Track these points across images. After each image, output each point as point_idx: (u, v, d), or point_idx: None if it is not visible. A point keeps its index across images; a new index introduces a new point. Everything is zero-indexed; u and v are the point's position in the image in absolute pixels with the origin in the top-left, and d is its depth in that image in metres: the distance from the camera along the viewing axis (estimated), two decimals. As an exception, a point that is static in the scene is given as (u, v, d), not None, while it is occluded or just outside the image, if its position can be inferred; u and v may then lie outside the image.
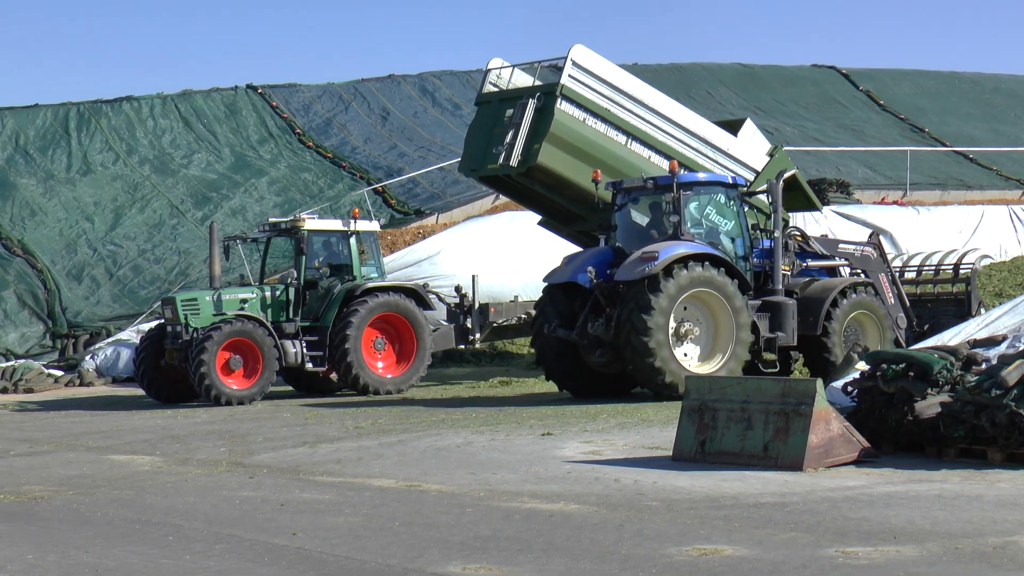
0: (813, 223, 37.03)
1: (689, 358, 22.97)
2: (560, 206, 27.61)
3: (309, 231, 25.98)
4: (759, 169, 27.91)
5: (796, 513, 12.07)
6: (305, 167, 40.93)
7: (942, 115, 51.81)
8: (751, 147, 28.23)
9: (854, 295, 24.66)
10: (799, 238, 25.81)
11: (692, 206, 23.89)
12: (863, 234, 37.17)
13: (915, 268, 29.15)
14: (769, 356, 24.14)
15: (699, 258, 22.84)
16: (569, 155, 26.15)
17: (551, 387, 26.45)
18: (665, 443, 16.37)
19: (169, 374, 25.47)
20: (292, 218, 26.85)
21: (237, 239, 28.15)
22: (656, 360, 22.26)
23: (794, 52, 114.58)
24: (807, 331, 24.12)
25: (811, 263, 25.63)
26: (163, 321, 25.80)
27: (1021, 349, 15.59)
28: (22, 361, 31.23)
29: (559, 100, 25.85)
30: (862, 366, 16.85)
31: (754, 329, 23.28)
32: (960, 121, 51.49)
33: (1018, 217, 39.41)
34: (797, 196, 28.87)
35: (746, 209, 25.22)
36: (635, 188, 24.32)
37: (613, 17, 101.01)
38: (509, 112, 26.39)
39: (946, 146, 48.01)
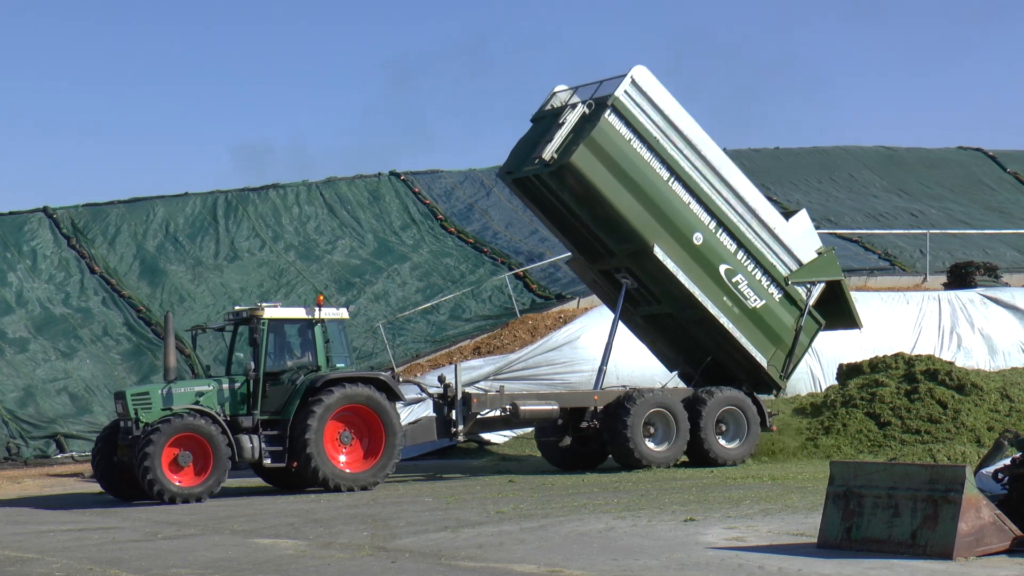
0: (960, 306, 36.42)
1: None
2: (586, 230, 27.26)
3: (268, 320, 24.69)
4: (804, 261, 27.64)
5: (946, 603, 11.79)
6: (447, 252, 41.30)
7: (1093, 196, 50.84)
8: (800, 237, 27.83)
9: None
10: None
11: None
12: (1010, 317, 36.48)
13: None
14: None
15: None
16: (605, 167, 25.96)
17: (691, 474, 26.17)
18: (810, 530, 16.12)
19: (124, 471, 24.21)
20: (252, 307, 25.56)
21: (201, 329, 26.80)
22: None
23: (939, 134, 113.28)
24: None
25: None
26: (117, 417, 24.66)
27: None
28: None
29: (608, 111, 25.87)
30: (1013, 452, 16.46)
31: None
32: (1111, 202, 50.46)
33: None
34: (840, 311, 28.25)
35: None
36: None
37: (754, 102, 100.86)
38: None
39: (1097, 228, 47.05)
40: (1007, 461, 16.13)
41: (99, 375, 34.55)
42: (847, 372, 31.59)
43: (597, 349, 31.47)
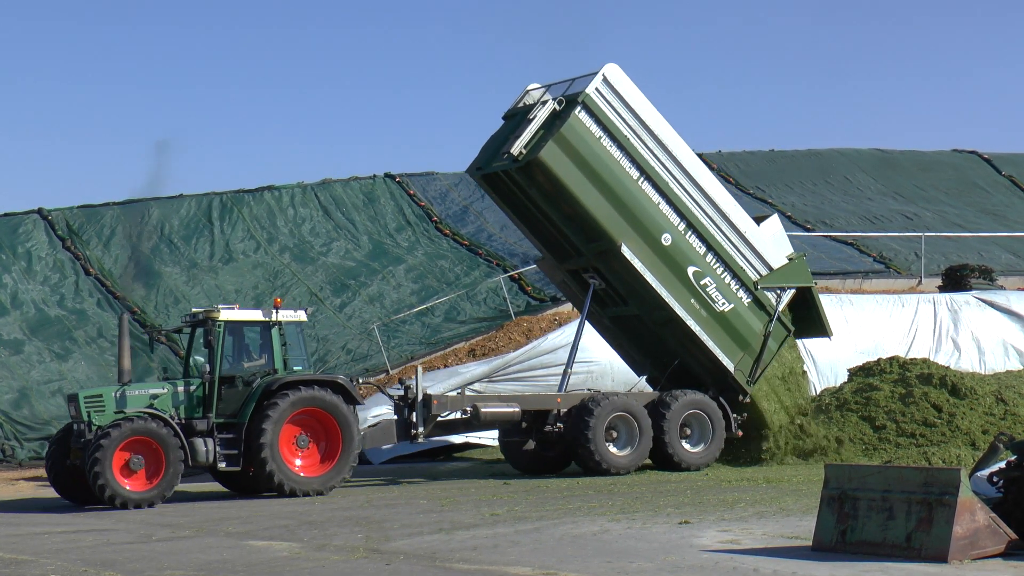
0: (955, 309, 36.42)
1: None
2: (555, 228, 27.09)
3: (223, 322, 24.26)
4: (774, 267, 27.52)
5: (941, 606, 11.79)
6: (442, 254, 41.29)
7: (1087, 199, 50.92)
8: (771, 242, 27.67)
9: None
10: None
11: None
12: (1005, 321, 36.44)
13: None
14: None
15: None
16: (574, 164, 25.78)
17: (685, 476, 26.15)
18: (805, 532, 16.12)
19: (77, 474, 23.74)
20: (208, 308, 25.17)
21: (157, 331, 26.05)
22: None
23: (934, 138, 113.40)
24: None
25: None
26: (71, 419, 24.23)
27: None
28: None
29: (578, 107, 25.74)
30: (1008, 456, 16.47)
31: None
32: (1106, 205, 50.54)
33: None
34: (810, 320, 28.11)
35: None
36: None
37: (751, 105, 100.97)
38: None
39: (1092, 231, 47.12)
40: (1002, 464, 16.13)
41: (94, 377, 34.49)
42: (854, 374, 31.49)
43: (592, 351, 31.47)
